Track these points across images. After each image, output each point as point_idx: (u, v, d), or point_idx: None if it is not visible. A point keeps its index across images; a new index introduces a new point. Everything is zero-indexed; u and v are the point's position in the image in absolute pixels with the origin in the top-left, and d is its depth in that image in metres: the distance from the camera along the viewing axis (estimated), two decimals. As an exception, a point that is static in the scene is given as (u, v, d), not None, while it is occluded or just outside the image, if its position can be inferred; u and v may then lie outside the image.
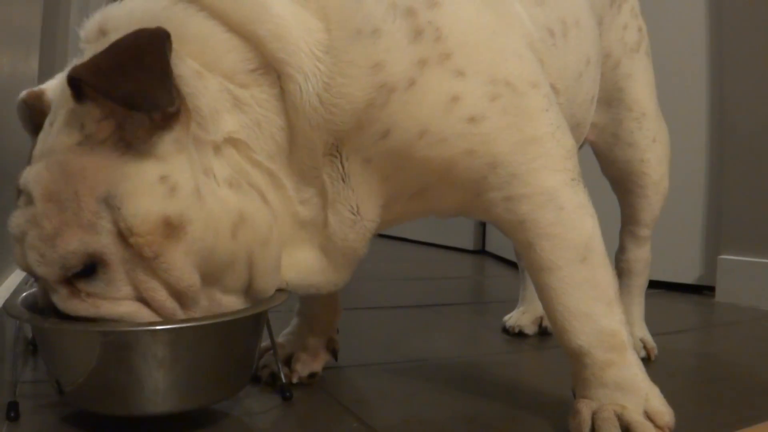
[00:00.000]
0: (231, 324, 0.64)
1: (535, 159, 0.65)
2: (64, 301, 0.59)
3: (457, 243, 2.64)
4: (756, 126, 1.56)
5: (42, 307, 0.63)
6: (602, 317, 0.67)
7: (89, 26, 0.62)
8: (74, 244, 0.56)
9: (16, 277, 1.29)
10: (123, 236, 0.56)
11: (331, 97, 0.59)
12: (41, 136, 0.61)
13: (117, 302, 0.59)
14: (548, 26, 0.78)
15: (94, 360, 0.61)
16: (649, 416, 0.65)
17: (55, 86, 0.65)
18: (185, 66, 0.58)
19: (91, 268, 0.57)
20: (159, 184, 0.56)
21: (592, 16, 0.90)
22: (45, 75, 1.89)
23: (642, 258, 1.09)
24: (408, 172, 0.65)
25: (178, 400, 0.64)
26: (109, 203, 0.56)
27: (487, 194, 0.66)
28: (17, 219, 0.58)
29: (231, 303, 0.63)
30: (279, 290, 0.71)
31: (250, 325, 0.68)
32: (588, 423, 0.66)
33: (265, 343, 0.82)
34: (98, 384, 0.62)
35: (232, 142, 0.61)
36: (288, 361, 0.85)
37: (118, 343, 0.60)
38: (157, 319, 0.60)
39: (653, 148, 1.04)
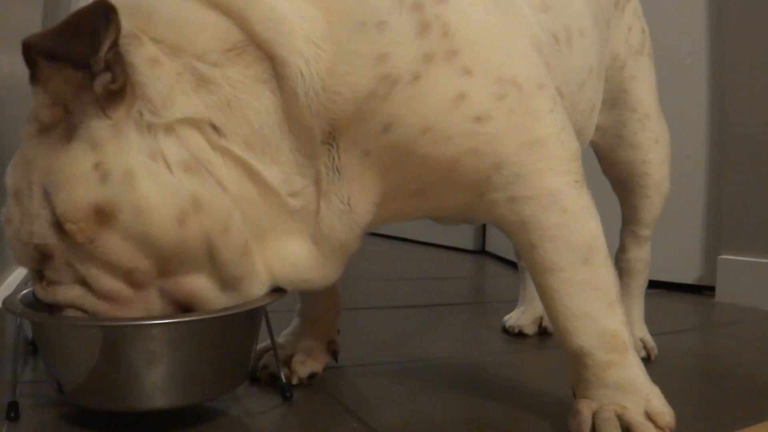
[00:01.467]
0: (226, 319, 0.64)
1: (540, 160, 0.65)
2: (36, 288, 0.63)
3: (457, 243, 2.64)
4: (756, 126, 1.56)
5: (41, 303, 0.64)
6: (604, 318, 0.67)
7: (79, 5, 0.62)
8: (27, 237, 0.59)
9: (17, 276, 1.29)
10: (60, 225, 0.58)
11: (333, 84, 0.59)
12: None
13: (68, 287, 0.61)
14: (553, 32, 0.78)
15: (91, 355, 0.61)
16: (649, 416, 0.65)
17: None
18: (138, 54, 0.57)
19: (45, 257, 0.60)
20: (92, 172, 0.57)
21: (597, 26, 0.90)
22: (45, 75, 1.89)
23: (642, 258, 1.10)
24: (408, 168, 0.64)
25: (176, 396, 0.64)
26: (49, 191, 0.58)
27: (490, 195, 0.66)
28: (3, 212, 0.62)
29: (195, 286, 0.62)
30: (277, 288, 0.71)
31: (247, 321, 0.68)
32: (588, 423, 0.66)
33: (265, 343, 0.82)
34: (95, 379, 0.62)
35: (192, 123, 0.59)
36: (288, 362, 0.85)
37: (115, 338, 0.61)
38: (103, 304, 0.60)
39: (655, 149, 1.04)
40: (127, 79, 0.57)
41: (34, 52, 0.56)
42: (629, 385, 0.66)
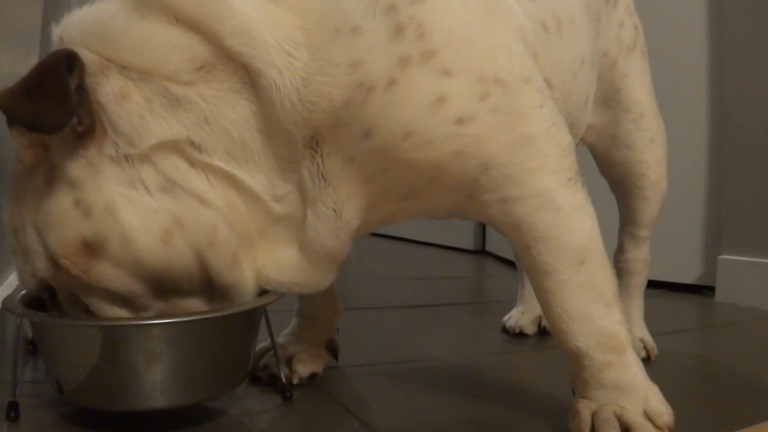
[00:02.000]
0: (225, 319, 0.64)
1: (530, 159, 0.63)
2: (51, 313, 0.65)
3: (457, 243, 2.64)
4: (756, 126, 1.56)
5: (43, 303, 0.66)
6: (601, 318, 0.66)
7: (55, 31, 0.63)
8: (31, 271, 0.62)
9: (17, 276, 1.29)
10: (54, 260, 0.60)
11: (309, 95, 0.59)
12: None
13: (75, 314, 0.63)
14: (542, 21, 0.76)
15: (91, 354, 0.61)
16: (648, 416, 0.65)
17: None
18: (104, 92, 0.58)
19: (50, 290, 0.63)
20: (74, 209, 0.59)
21: (588, 16, 0.89)
22: (45, 75, 1.88)
23: (641, 258, 1.09)
24: (395, 173, 0.63)
25: (176, 395, 0.64)
26: (39, 231, 0.60)
27: (481, 196, 0.65)
28: (7, 247, 0.64)
29: (193, 305, 0.63)
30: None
31: (246, 321, 0.68)
32: (588, 423, 0.66)
33: (265, 343, 0.82)
34: (95, 379, 0.62)
35: (169, 146, 0.60)
36: (288, 362, 0.85)
37: (115, 338, 0.61)
38: None
39: (652, 149, 1.03)
40: (95, 118, 0.58)
41: (5, 113, 0.57)
42: (627, 385, 0.66)
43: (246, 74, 0.59)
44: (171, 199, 0.60)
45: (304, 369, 0.85)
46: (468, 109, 0.60)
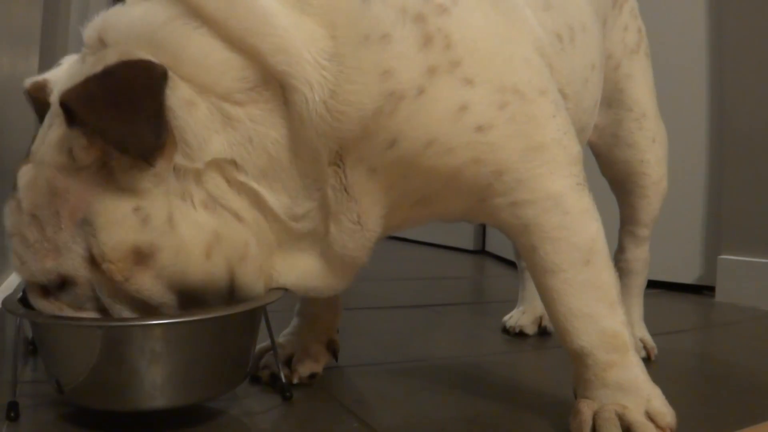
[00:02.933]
0: (226, 319, 0.64)
1: (542, 165, 0.65)
2: (34, 297, 0.63)
3: (457, 243, 2.64)
4: (756, 126, 1.56)
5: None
6: (604, 318, 0.67)
7: (90, 32, 0.62)
8: (50, 264, 0.60)
9: (17, 276, 1.29)
10: (95, 261, 0.59)
11: (337, 104, 0.59)
12: (40, 133, 0.62)
13: (80, 311, 0.62)
14: (556, 31, 0.78)
15: (91, 354, 0.61)
16: (650, 417, 0.65)
17: (57, 78, 0.65)
18: (176, 97, 0.58)
19: (67, 284, 0.61)
20: (132, 215, 0.58)
21: (597, 21, 0.91)
22: (45, 75, 1.89)
23: (641, 258, 1.09)
24: (412, 180, 0.65)
25: (176, 395, 0.64)
26: (85, 229, 0.59)
27: (492, 200, 0.66)
28: (8, 217, 0.62)
29: None
30: (274, 288, 0.71)
31: (247, 321, 0.68)
32: (589, 423, 0.66)
33: (265, 343, 0.82)
34: (96, 379, 0.62)
35: (215, 165, 0.61)
36: (288, 362, 0.85)
37: (114, 338, 0.61)
38: None
39: (653, 149, 1.04)
40: (169, 128, 0.57)
41: (84, 124, 0.56)
42: (630, 386, 0.66)
43: (282, 93, 0.60)
44: (212, 215, 0.61)
45: (304, 369, 0.85)
46: (488, 117, 0.62)
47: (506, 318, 1.21)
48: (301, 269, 0.68)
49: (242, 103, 0.60)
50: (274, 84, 0.59)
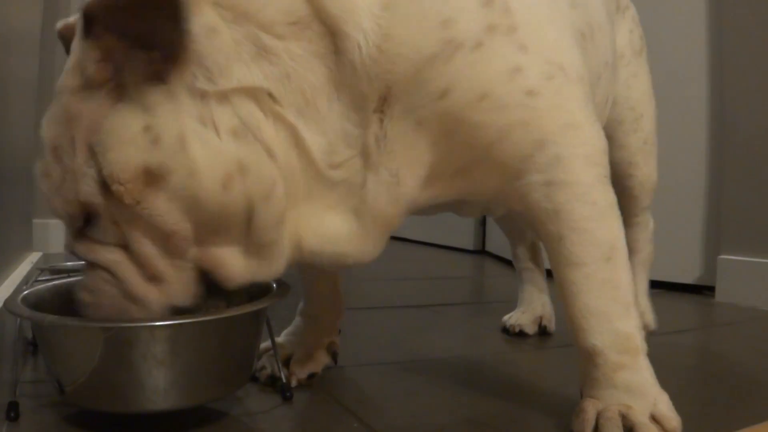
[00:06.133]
0: (231, 320, 0.64)
1: (579, 145, 0.66)
2: (71, 241, 0.62)
3: (457, 243, 2.64)
4: (756, 126, 1.56)
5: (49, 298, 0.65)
6: (619, 319, 0.67)
7: None
8: (71, 194, 0.59)
9: (17, 276, 1.30)
10: (107, 185, 0.58)
11: (393, 47, 0.60)
12: (65, 69, 0.62)
13: (108, 248, 0.61)
14: (581, 29, 0.80)
15: (94, 356, 0.61)
16: (655, 420, 0.65)
17: None
18: (197, 22, 0.57)
19: (88, 216, 0.60)
20: (142, 134, 0.57)
21: (609, 22, 0.93)
22: (45, 75, 1.90)
23: (638, 237, 1.16)
24: (457, 139, 0.64)
25: (179, 397, 0.64)
26: (96, 150, 0.57)
27: (528, 177, 0.67)
28: (37, 169, 0.61)
29: (228, 256, 0.62)
30: (280, 287, 0.71)
31: (250, 322, 0.68)
32: (592, 422, 0.66)
33: (265, 343, 0.82)
34: (98, 381, 0.62)
35: (248, 92, 0.59)
36: (287, 362, 0.85)
37: (118, 339, 0.60)
38: (137, 271, 0.61)
39: (643, 150, 1.10)
40: (183, 46, 0.56)
41: (97, 23, 0.56)
42: (638, 388, 0.66)
43: (332, 40, 0.60)
44: (241, 144, 0.59)
45: (302, 370, 0.85)
46: (537, 84, 0.64)
47: (506, 318, 1.21)
48: (327, 232, 0.65)
49: (283, 37, 0.59)
50: (323, 28, 0.60)
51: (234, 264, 0.62)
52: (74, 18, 0.65)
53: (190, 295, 0.62)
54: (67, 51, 0.66)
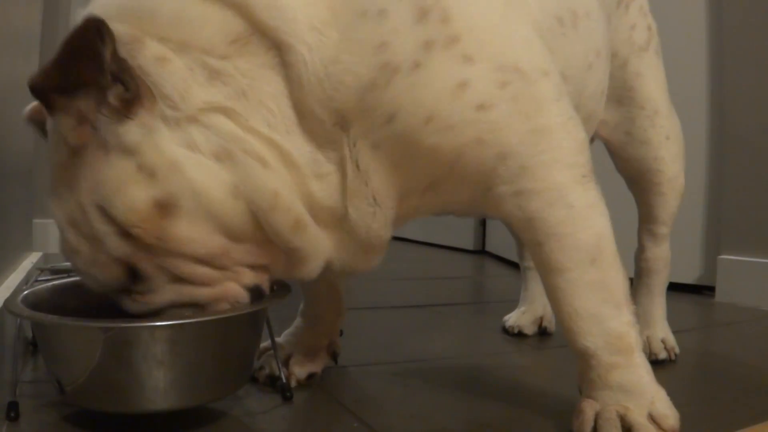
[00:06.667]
0: (230, 320, 0.64)
1: (546, 151, 0.64)
2: (127, 304, 0.63)
3: (457, 243, 2.64)
4: (756, 126, 1.55)
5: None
6: (610, 319, 0.66)
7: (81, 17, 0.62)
8: (106, 257, 0.60)
9: (17, 276, 1.30)
10: (127, 233, 0.58)
11: (337, 73, 0.59)
12: (49, 156, 0.63)
13: (162, 291, 0.62)
14: (558, 15, 0.77)
15: (94, 356, 0.61)
16: (653, 419, 0.65)
17: None
18: (143, 56, 0.57)
19: (132, 270, 0.60)
20: (138, 174, 0.58)
21: (603, 12, 0.90)
22: (45, 75, 1.89)
23: (661, 256, 1.09)
24: (417, 161, 0.63)
25: (178, 398, 0.64)
26: (103, 206, 0.58)
27: (497, 188, 0.65)
28: (63, 251, 0.63)
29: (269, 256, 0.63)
30: (280, 288, 0.71)
31: (250, 322, 0.68)
32: (590, 423, 0.66)
33: (265, 343, 0.82)
34: (98, 381, 0.62)
35: (218, 110, 0.59)
36: (286, 362, 0.85)
37: (118, 340, 0.60)
38: (200, 293, 0.62)
39: (667, 146, 1.03)
40: (140, 82, 0.57)
41: (43, 92, 0.56)
42: (633, 387, 0.66)
43: (277, 53, 0.59)
44: (229, 163, 0.59)
45: (301, 370, 0.85)
46: (488, 96, 0.61)
47: (506, 318, 1.21)
48: (330, 241, 0.66)
49: (227, 56, 0.59)
50: (266, 41, 0.59)
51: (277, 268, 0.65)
52: (34, 102, 0.67)
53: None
54: (43, 134, 0.67)
